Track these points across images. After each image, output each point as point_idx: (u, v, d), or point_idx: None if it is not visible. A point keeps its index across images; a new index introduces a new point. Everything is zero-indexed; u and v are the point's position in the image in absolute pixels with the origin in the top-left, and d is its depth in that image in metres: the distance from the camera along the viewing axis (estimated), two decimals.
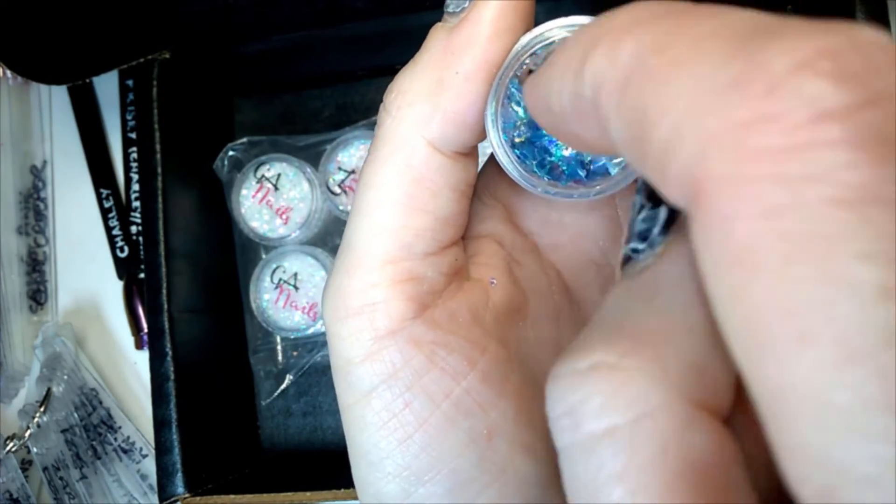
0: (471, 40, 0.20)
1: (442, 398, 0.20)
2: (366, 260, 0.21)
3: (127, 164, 0.52)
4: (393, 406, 0.20)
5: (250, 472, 0.46)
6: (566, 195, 0.20)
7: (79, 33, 0.42)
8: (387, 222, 0.21)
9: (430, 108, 0.20)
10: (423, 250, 0.21)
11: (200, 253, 0.46)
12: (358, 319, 0.21)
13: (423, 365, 0.20)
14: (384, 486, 0.21)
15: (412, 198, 0.20)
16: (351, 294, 0.21)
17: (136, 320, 0.51)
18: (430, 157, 0.20)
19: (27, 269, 0.54)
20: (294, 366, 0.48)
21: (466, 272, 0.23)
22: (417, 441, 0.20)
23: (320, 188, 0.45)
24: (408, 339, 0.20)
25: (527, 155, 0.20)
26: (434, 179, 0.20)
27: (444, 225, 0.21)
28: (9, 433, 0.50)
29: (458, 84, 0.20)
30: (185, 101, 0.46)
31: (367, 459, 0.21)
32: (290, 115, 0.50)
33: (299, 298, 0.45)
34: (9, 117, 0.53)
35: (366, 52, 0.46)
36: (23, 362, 0.52)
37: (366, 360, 0.21)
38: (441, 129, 0.20)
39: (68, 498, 0.49)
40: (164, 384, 0.41)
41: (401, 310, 0.21)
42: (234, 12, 0.42)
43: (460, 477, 0.20)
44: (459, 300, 0.22)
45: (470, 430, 0.20)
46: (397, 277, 0.21)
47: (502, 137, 0.20)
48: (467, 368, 0.21)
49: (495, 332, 0.22)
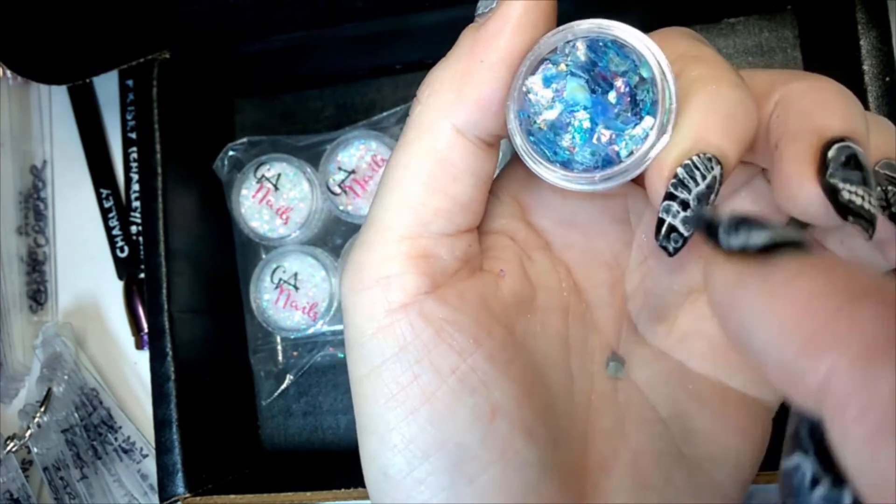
0: (496, 33, 0.21)
1: (448, 373, 0.21)
2: (385, 234, 0.22)
3: (127, 164, 0.52)
4: (402, 378, 0.21)
5: (250, 472, 0.46)
6: (574, 181, 0.21)
7: (79, 33, 0.42)
8: (408, 200, 0.22)
9: (455, 94, 0.21)
10: (440, 230, 0.22)
11: (200, 253, 0.46)
12: (373, 292, 0.22)
13: (431, 339, 0.21)
14: (390, 459, 0.22)
15: (434, 178, 0.22)
16: (369, 266, 0.22)
17: (136, 320, 0.51)
18: (453, 140, 0.21)
19: (27, 269, 0.54)
20: (294, 366, 0.48)
21: (479, 261, 0.24)
22: (424, 415, 0.21)
23: (320, 188, 0.45)
24: (419, 313, 0.22)
25: (541, 141, 0.21)
26: (455, 163, 0.22)
27: (462, 209, 0.22)
28: (9, 433, 0.50)
29: (482, 72, 0.21)
30: (185, 101, 0.46)
31: (376, 432, 0.22)
32: (290, 115, 0.50)
33: (299, 298, 0.45)
34: (9, 117, 0.53)
35: (366, 52, 0.46)
36: (23, 362, 0.53)
37: (378, 333, 0.22)
38: (465, 114, 0.21)
39: (69, 498, 0.49)
40: (165, 384, 0.41)
41: (414, 283, 0.22)
42: (234, 12, 0.42)
43: (464, 453, 0.21)
44: (470, 284, 0.23)
45: (475, 406, 0.21)
46: (413, 252, 0.22)
47: (518, 124, 0.21)
48: (473, 347, 0.22)
49: (502, 320, 0.23)
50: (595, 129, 0.20)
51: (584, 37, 0.20)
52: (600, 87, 0.20)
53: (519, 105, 0.21)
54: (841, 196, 0.18)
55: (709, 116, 0.19)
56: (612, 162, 0.20)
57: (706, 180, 0.19)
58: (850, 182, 0.18)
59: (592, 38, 0.20)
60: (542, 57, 0.21)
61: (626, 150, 0.20)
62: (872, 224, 0.18)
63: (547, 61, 0.21)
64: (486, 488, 0.21)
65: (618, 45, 0.20)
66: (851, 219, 0.18)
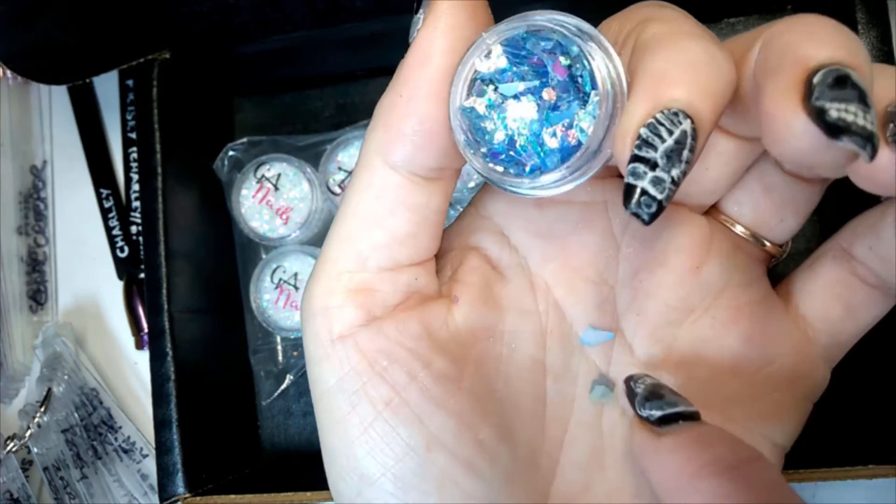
0: (412, 65, 0.20)
1: (382, 405, 0.21)
2: (328, 266, 0.22)
3: (127, 164, 0.52)
4: (343, 407, 0.22)
5: (250, 472, 0.46)
6: (543, 186, 0.20)
7: (79, 33, 0.42)
8: (348, 235, 0.22)
9: (383, 131, 0.21)
10: (378, 265, 0.22)
11: (200, 253, 0.46)
12: (318, 320, 0.22)
13: (366, 371, 0.22)
14: (338, 483, 0.22)
15: (371, 214, 0.22)
16: (315, 296, 0.22)
17: (136, 320, 0.51)
18: (387, 177, 0.21)
19: (27, 269, 0.54)
20: (294, 366, 0.48)
21: (434, 288, 0.23)
22: (362, 444, 0.21)
23: (320, 188, 0.45)
24: (354, 345, 0.22)
25: (504, 160, 0.20)
26: (390, 198, 0.21)
27: (401, 244, 0.22)
28: (9, 433, 0.50)
29: (401, 107, 0.20)
30: (185, 101, 0.46)
31: (326, 455, 0.23)
32: (290, 115, 0.50)
33: (299, 298, 0.45)
34: (9, 117, 0.53)
35: (366, 52, 0.46)
36: (23, 362, 0.53)
37: (323, 360, 0.22)
38: (393, 151, 0.21)
39: (69, 498, 0.49)
40: (165, 384, 0.41)
41: (351, 316, 0.22)
42: (234, 12, 0.42)
43: (402, 482, 0.21)
44: (412, 315, 0.22)
45: (409, 437, 0.21)
46: (352, 286, 0.22)
47: (471, 151, 0.20)
48: (406, 380, 0.22)
49: (451, 349, 0.22)
50: (543, 129, 0.20)
51: (497, 39, 0.20)
52: (538, 76, 0.20)
53: (464, 132, 0.20)
54: (828, 115, 0.15)
55: (668, 71, 0.17)
56: (577, 150, 0.19)
57: (674, 135, 0.17)
58: (840, 101, 0.15)
59: (506, 37, 0.19)
60: (470, 77, 0.20)
61: (585, 133, 0.19)
62: (871, 141, 0.15)
63: (476, 80, 0.20)
64: None
65: (535, 34, 0.19)
66: (845, 139, 0.15)
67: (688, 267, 0.23)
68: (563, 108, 0.19)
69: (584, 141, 0.19)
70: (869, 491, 0.42)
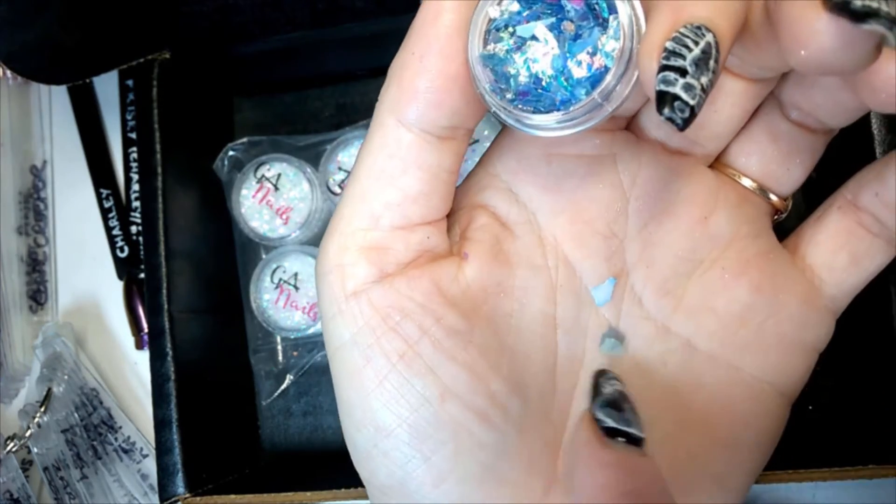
0: (422, 22, 0.21)
1: (396, 358, 0.22)
2: (342, 224, 0.23)
3: (127, 164, 0.52)
4: (357, 361, 0.22)
5: (250, 472, 0.46)
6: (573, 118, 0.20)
7: (79, 33, 0.42)
8: (361, 193, 0.22)
9: (397, 89, 0.21)
10: (391, 224, 0.22)
11: (200, 253, 0.46)
12: (332, 277, 0.23)
13: (379, 325, 0.22)
14: (354, 435, 0.23)
15: (383, 172, 0.22)
16: (329, 253, 0.23)
17: (136, 320, 0.51)
18: (399, 135, 0.22)
19: (27, 269, 0.54)
20: (294, 366, 0.48)
21: (446, 247, 0.24)
22: (377, 396, 0.22)
23: (320, 188, 0.45)
24: (367, 300, 0.22)
25: (528, 100, 0.20)
26: (403, 157, 0.22)
27: (413, 203, 0.22)
28: (9, 433, 0.50)
29: (414, 64, 0.21)
30: (185, 101, 0.46)
31: (342, 409, 0.23)
32: (290, 115, 0.50)
33: (299, 298, 0.45)
34: (9, 117, 0.53)
35: (366, 52, 0.46)
36: (23, 362, 0.52)
37: (336, 316, 0.23)
38: (406, 109, 0.21)
39: (69, 498, 0.49)
40: (165, 384, 0.41)
41: (364, 273, 0.22)
42: (234, 12, 0.42)
43: (417, 433, 0.22)
44: (424, 272, 0.23)
45: (423, 389, 0.22)
46: (365, 244, 0.22)
47: (497, 98, 0.20)
48: (419, 334, 0.22)
49: (462, 305, 0.23)
50: (567, 61, 0.20)
51: None
52: (553, 12, 0.20)
53: (488, 80, 0.20)
54: (853, 4, 0.15)
55: None
56: (605, 76, 0.19)
57: (700, 45, 0.17)
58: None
59: None
60: (485, 28, 0.20)
61: (610, 57, 0.19)
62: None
63: (492, 30, 0.20)
64: (441, 467, 0.22)
65: None
66: (872, 21, 0.15)
67: (696, 217, 0.24)
68: (585, 35, 0.20)
69: (609, 65, 0.19)
70: (869, 491, 0.42)
